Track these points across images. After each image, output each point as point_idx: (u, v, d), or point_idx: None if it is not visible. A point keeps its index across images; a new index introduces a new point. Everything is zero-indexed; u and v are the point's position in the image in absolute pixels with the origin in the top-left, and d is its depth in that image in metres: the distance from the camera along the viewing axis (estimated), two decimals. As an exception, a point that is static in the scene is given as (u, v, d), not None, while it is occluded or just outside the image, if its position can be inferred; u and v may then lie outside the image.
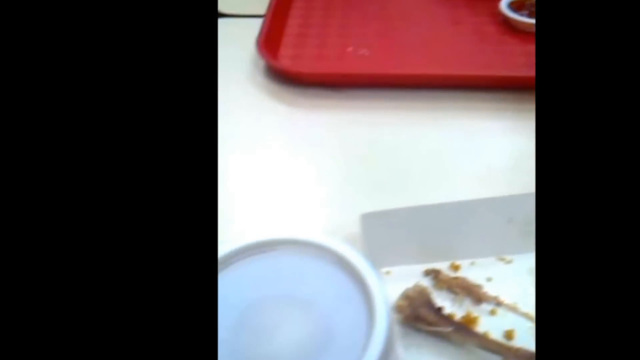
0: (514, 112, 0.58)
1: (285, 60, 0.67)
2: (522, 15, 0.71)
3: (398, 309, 0.38)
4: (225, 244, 0.31)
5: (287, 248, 0.31)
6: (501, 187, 0.48)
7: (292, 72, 0.64)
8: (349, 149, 0.56)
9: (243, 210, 0.49)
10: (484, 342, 0.36)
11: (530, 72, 0.62)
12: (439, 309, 0.38)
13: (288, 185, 0.52)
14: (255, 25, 0.69)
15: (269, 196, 0.51)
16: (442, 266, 0.42)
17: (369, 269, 0.29)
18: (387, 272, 0.42)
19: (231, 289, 0.29)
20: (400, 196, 0.49)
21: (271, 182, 0.52)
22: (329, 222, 0.48)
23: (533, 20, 0.70)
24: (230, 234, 0.47)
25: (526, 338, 0.37)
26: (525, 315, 0.38)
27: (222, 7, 0.77)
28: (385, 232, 0.41)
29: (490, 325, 0.38)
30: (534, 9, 0.72)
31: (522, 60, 0.66)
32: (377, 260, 0.31)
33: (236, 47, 0.69)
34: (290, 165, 0.54)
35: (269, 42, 0.67)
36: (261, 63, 0.67)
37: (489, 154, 0.54)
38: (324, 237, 0.31)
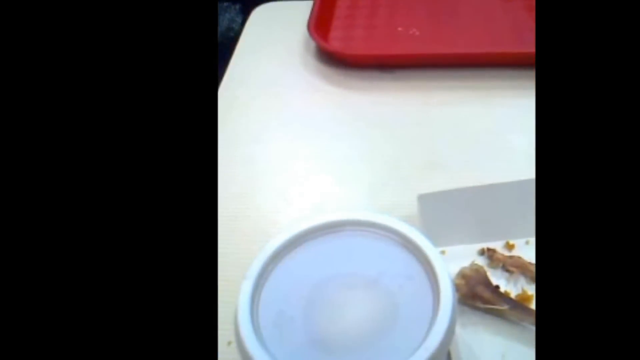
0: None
1: (336, 42, 0.68)
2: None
3: (455, 287, 0.39)
4: (294, 225, 0.32)
5: (354, 228, 0.32)
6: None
7: (343, 54, 0.65)
8: (401, 130, 0.56)
9: (299, 192, 0.51)
10: (541, 320, 0.37)
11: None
12: (496, 287, 0.39)
13: (341, 167, 0.53)
14: (306, 8, 0.70)
15: (323, 178, 0.52)
16: (497, 245, 0.43)
17: (433, 249, 0.31)
18: (442, 252, 0.43)
19: (301, 267, 0.31)
20: (453, 176, 0.50)
21: (325, 163, 0.54)
22: (383, 202, 0.49)
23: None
24: (288, 214, 0.49)
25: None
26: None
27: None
28: (442, 212, 0.42)
29: (546, 303, 0.39)
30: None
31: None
32: (433, 240, 0.32)
33: (288, 30, 0.70)
34: (343, 147, 0.55)
35: (320, 24, 0.68)
36: (312, 45, 0.68)
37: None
38: (388, 218, 0.32)
